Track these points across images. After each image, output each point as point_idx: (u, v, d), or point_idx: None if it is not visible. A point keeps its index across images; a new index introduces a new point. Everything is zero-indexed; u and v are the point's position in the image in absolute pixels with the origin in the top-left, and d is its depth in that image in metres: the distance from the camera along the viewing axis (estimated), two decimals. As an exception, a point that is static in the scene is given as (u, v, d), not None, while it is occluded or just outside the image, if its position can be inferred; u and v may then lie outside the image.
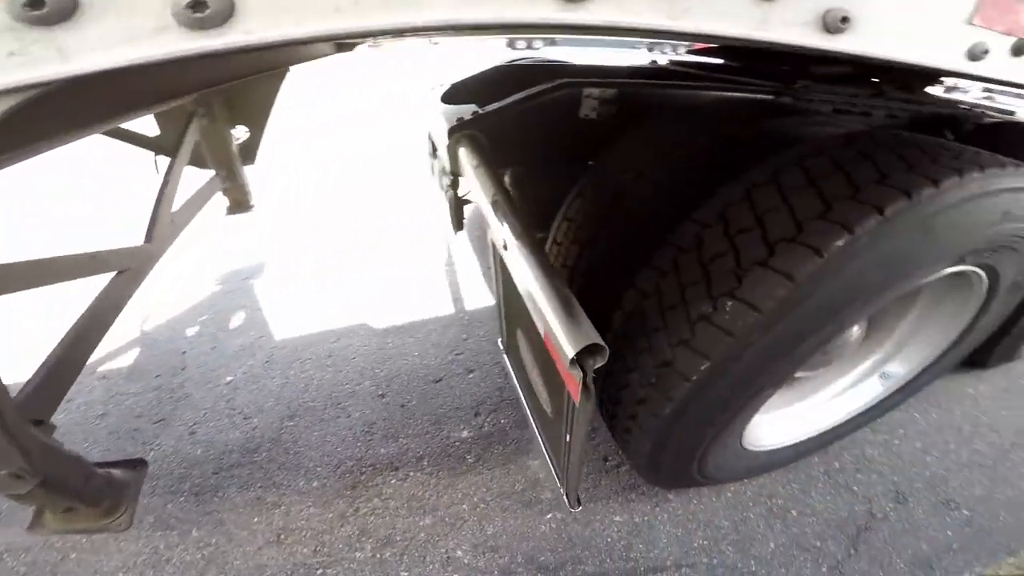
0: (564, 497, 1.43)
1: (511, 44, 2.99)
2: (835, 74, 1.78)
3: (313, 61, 2.08)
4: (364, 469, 1.81)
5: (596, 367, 0.88)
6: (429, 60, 6.26)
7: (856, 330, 1.48)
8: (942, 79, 2.13)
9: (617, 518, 1.70)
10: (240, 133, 2.23)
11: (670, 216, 1.27)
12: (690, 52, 2.87)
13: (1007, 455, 2.13)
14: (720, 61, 2.56)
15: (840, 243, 0.96)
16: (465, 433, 1.92)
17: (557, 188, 1.74)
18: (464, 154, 1.43)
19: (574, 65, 2.48)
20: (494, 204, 1.20)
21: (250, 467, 1.87)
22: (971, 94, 2.29)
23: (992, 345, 2.13)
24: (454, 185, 1.60)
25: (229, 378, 2.24)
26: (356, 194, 4.04)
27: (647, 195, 1.48)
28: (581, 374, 0.88)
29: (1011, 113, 1.93)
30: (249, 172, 2.36)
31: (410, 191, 3.89)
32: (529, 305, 1.03)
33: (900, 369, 1.70)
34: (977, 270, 1.28)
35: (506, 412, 2.01)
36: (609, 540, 1.64)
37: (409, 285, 2.79)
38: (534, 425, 1.57)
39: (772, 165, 1.17)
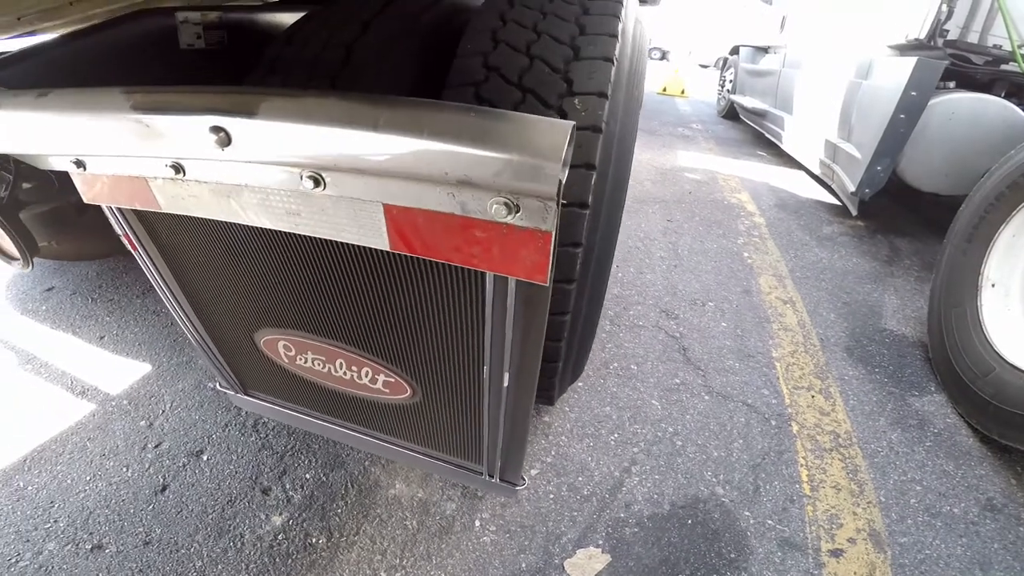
0: (495, 479, 1.13)
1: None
2: None
3: None
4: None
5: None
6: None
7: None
8: None
9: (534, 472, 1.46)
10: None
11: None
12: None
13: (678, 254, 2.93)
14: None
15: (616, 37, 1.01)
16: (276, 519, 1.29)
17: None
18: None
19: None
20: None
21: None
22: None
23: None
24: None
25: None
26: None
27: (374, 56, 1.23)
28: (556, 205, 0.55)
29: None
30: None
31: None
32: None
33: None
34: None
35: (300, 463, 1.46)
36: (552, 495, 1.41)
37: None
38: (367, 440, 1.23)
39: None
